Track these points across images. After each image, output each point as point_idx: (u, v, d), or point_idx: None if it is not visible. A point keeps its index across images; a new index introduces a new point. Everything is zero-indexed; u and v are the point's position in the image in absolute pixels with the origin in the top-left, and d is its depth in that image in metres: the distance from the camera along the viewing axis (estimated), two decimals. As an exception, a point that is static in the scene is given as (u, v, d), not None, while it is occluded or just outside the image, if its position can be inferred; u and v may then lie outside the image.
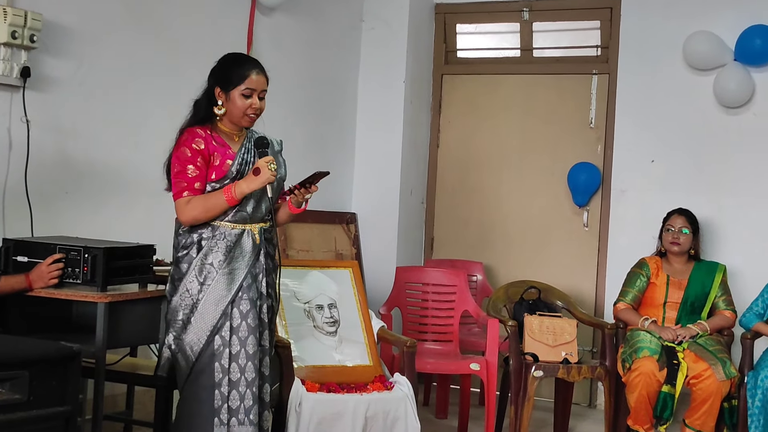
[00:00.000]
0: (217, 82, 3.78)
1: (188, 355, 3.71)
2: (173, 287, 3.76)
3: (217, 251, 3.71)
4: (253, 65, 3.78)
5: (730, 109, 6.10)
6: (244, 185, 3.67)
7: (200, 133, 3.73)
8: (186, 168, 3.68)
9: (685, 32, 6.10)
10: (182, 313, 3.71)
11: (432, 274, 5.91)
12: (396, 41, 6.71)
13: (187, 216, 3.69)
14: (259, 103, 3.77)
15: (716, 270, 5.54)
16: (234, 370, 3.69)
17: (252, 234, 3.78)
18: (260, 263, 3.79)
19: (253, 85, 3.74)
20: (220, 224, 3.73)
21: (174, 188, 3.72)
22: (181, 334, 3.72)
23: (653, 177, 6.34)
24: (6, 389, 3.12)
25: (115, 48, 4.88)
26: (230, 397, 3.68)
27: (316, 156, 6.31)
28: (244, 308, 3.71)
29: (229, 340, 3.69)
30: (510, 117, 6.88)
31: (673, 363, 5.09)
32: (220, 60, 3.86)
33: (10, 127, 4.36)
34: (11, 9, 4.24)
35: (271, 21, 5.92)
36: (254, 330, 3.72)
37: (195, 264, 3.71)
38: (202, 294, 3.69)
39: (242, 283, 3.72)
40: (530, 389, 5.29)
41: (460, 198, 7.00)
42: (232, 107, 3.75)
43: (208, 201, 3.68)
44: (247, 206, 3.75)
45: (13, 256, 3.90)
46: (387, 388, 4.61)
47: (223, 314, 3.69)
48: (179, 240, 3.78)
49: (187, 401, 3.75)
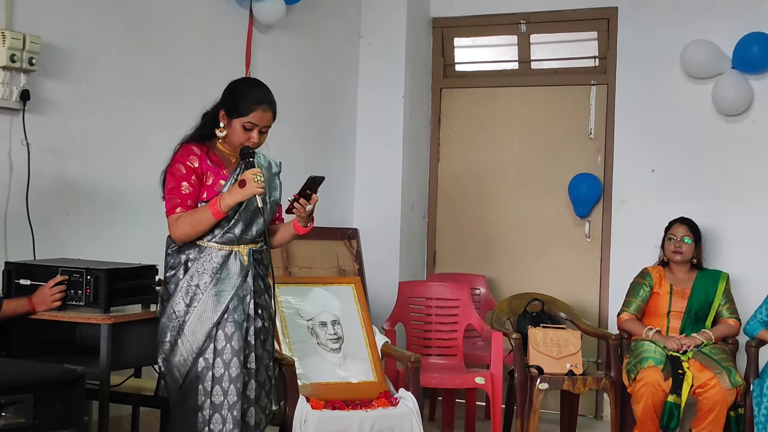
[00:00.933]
0: (224, 104, 3.75)
1: (176, 377, 3.69)
2: (162, 308, 3.74)
3: (203, 272, 3.68)
4: (261, 100, 3.71)
5: (729, 116, 6.10)
6: (228, 197, 3.62)
7: (195, 151, 3.72)
8: (180, 185, 3.67)
9: (683, 41, 6.11)
10: (170, 334, 3.69)
11: (435, 288, 5.90)
12: (394, 56, 6.72)
13: (178, 232, 3.67)
14: (258, 137, 3.72)
15: (719, 278, 5.54)
16: (217, 392, 3.64)
17: (240, 255, 3.74)
18: (248, 285, 3.74)
19: (256, 120, 3.70)
20: (207, 245, 3.70)
21: (167, 204, 3.70)
22: (169, 356, 3.69)
23: (654, 186, 6.34)
24: (10, 413, 3.12)
25: (114, 69, 4.89)
26: (212, 420, 3.63)
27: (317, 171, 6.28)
28: (229, 330, 3.67)
29: (213, 362, 3.65)
30: (510, 129, 6.89)
31: (678, 373, 5.08)
32: (234, 82, 3.83)
33: (11, 150, 4.37)
34: (9, 32, 4.25)
35: (269, 39, 5.94)
36: (238, 353, 3.67)
37: (182, 285, 3.68)
38: (188, 315, 3.66)
39: (228, 305, 3.68)
40: (536, 402, 5.28)
41: (462, 211, 6.99)
42: (231, 134, 3.73)
43: (195, 215, 3.65)
44: (235, 228, 3.72)
45: (16, 279, 3.90)
46: (392, 404, 4.60)
47: (208, 336, 3.65)
48: (168, 260, 3.76)
49: (174, 423, 3.73)
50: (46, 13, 4.51)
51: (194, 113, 3.84)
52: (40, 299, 3.80)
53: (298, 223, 3.86)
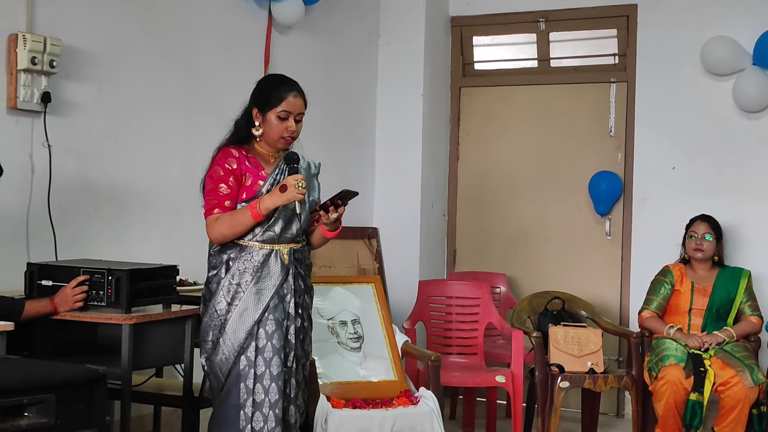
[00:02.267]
0: (255, 102, 3.79)
1: (218, 376, 3.73)
2: (204, 308, 3.79)
3: (245, 271, 3.72)
4: (290, 87, 3.78)
5: (750, 113, 6.07)
6: (268, 200, 3.66)
7: (234, 153, 3.76)
8: (218, 186, 3.71)
9: (703, 37, 6.08)
10: (212, 333, 3.73)
11: (455, 287, 5.90)
12: (413, 55, 6.72)
13: (215, 233, 3.71)
14: (295, 125, 3.77)
15: (741, 276, 5.51)
16: (258, 391, 3.68)
17: (280, 254, 3.77)
18: (288, 284, 3.77)
19: (289, 107, 3.74)
20: (248, 244, 3.74)
21: (205, 205, 3.75)
22: (211, 355, 3.73)
23: (675, 184, 6.32)
24: (33, 413, 3.14)
25: (134, 71, 4.92)
26: (254, 418, 3.67)
27: (337, 172, 6.32)
28: (269, 329, 3.71)
29: (255, 360, 3.69)
30: (529, 128, 6.88)
31: (700, 370, 5.06)
32: (259, 81, 3.89)
33: (32, 152, 4.40)
34: (30, 35, 4.28)
35: (288, 39, 5.95)
36: (279, 351, 3.71)
37: (223, 284, 3.73)
38: (229, 314, 3.71)
39: (269, 304, 3.71)
40: (557, 400, 5.27)
41: (482, 210, 6.99)
42: (268, 129, 3.77)
43: (234, 216, 3.69)
44: (275, 226, 3.75)
45: (38, 280, 3.92)
46: (413, 403, 4.61)
47: (249, 334, 3.69)
48: (210, 260, 3.81)
49: (216, 421, 3.76)
50: (66, 16, 4.54)
51: (213, 114, 3.88)
52: (62, 300, 3.82)
53: (325, 227, 3.87)
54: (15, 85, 4.29)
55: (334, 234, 3.88)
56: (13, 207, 4.33)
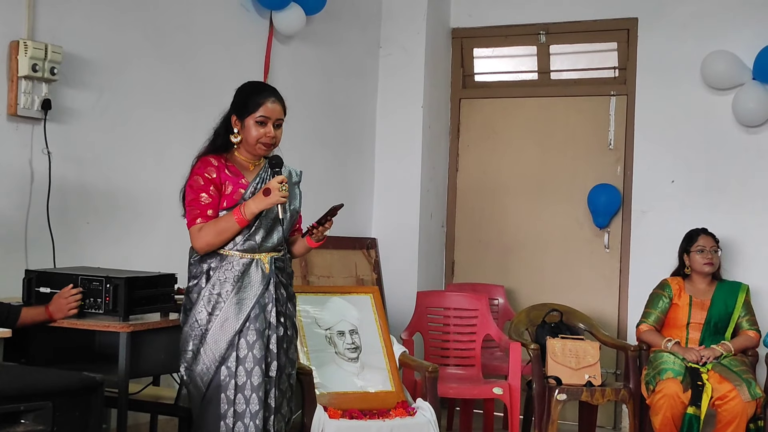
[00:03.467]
0: (234, 109, 3.79)
1: (199, 386, 3.71)
2: (185, 317, 3.76)
3: (225, 281, 3.70)
4: (268, 93, 3.78)
5: (749, 128, 6.08)
6: (252, 204, 3.65)
7: (213, 162, 3.75)
8: (199, 196, 3.70)
9: (703, 52, 6.09)
10: (192, 343, 3.71)
11: (453, 298, 5.90)
12: (413, 66, 6.73)
13: (201, 242, 3.69)
14: (273, 131, 3.75)
15: (739, 290, 5.51)
16: (239, 401, 3.66)
17: (261, 264, 3.76)
18: (270, 293, 3.76)
19: (267, 113, 3.73)
20: (229, 253, 3.73)
21: (188, 216, 3.74)
22: (191, 365, 3.72)
23: (674, 197, 6.32)
24: (30, 420, 3.13)
25: (135, 79, 4.92)
26: (235, 428, 3.65)
27: (336, 182, 6.33)
28: (251, 339, 3.69)
29: (235, 370, 3.67)
30: (529, 140, 6.88)
31: (698, 384, 5.05)
32: (238, 88, 3.88)
33: (32, 159, 4.40)
34: (32, 42, 4.29)
35: (288, 49, 5.96)
36: (260, 361, 3.69)
37: (204, 294, 3.71)
38: (210, 324, 3.69)
39: (250, 314, 3.70)
40: (554, 413, 5.26)
41: (481, 221, 6.99)
42: (246, 135, 3.76)
43: (219, 224, 3.68)
44: (256, 235, 3.74)
45: (36, 287, 3.92)
46: (410, 414, 4.60)
47: (230, 344, 3.67)
48: (190, 270, 3.79)
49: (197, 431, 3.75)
50: (68, 23, 4.55)
51: (213, 123, 3.87)
52: (57, 307, 3.81)
53: (311, 238, 3.88)
54: (15, 92, 4.30)
55: (319, 244, 3.89)
56: (13, 213, 4.33)
